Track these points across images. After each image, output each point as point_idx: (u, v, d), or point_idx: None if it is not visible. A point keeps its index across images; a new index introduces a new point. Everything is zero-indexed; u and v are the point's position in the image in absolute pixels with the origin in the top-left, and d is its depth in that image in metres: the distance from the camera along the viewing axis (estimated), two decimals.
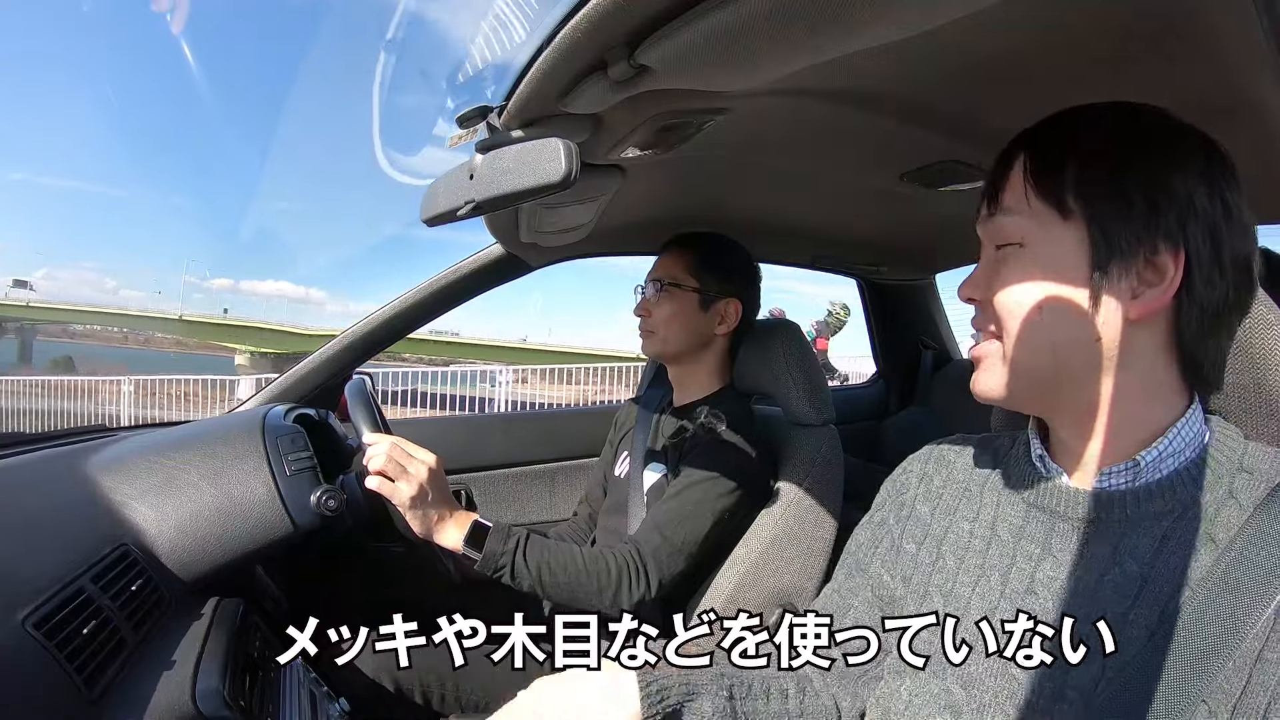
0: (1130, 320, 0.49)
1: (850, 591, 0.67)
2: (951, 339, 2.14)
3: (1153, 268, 0.48)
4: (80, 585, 0.62)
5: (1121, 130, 0.50)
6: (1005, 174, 0.53)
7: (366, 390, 1.00)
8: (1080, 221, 0.49)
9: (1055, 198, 0.49)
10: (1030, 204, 0.51)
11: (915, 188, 1.02)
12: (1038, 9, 0.54)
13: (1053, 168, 0.50)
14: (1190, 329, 0.49)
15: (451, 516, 0.91)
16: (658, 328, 1.16)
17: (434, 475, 0.90)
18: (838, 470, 1.14)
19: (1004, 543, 0.55)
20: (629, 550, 0.97)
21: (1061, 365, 0.50)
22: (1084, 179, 0.49)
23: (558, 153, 0.56)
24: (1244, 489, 0.48)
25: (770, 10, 0.43)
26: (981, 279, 0.55)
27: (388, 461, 0.87)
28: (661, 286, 1.15)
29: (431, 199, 0.72)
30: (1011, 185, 0.52)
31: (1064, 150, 0.50)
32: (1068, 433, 0.54)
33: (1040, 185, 0.50)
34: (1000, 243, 0.53)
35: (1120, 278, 0.48)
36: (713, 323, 1.16)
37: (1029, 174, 0.51)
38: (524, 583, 0.92)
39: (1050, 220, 0.50)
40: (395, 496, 0.87)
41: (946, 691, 0.55)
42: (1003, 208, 0.52)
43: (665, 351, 1.18)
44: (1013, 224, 0.51)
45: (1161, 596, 0.47)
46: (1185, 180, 0.47)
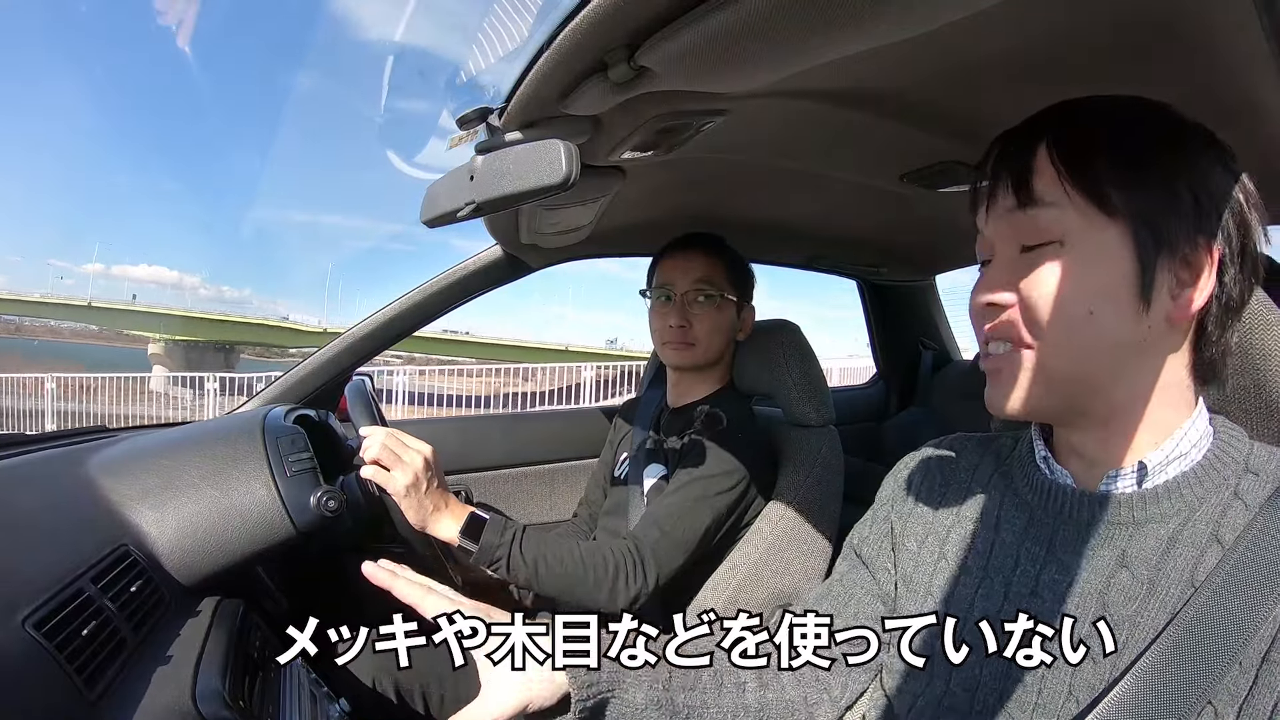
0: (1171, 321, 0.47)
1: (852, 584, 0.66)
2: (951, 339, 2.14)
3: (1189, 266, 0.47)
4: (80, 586, 0.62)
5: (1151, 124, 0.48)
6: (1028, 161, 0.48)
7: (367, 391, 1.01)
8: (1125, 216, 0.46)
9: (1095, 190, 0.46)
10: (1070, 196, 0.47)
11: (915, 188, 1.02)
12: (1038, 9, 0.54)
13: (1085, 156, 0.47)
14: (1213, 325, 0.48)
15: (448, 507, 0.90)
16: (700, 339, 1.12)
17: (429, 464, 0.89)
18: (838, 471, 1.14)
19: (1007, 545, 0.55)
20: (627, 545, 0.96)
21: (1101, 372, 0.48)
22: (1125, 172, 0.46)
23: (558, 154, 0.56)
24: (1250, 490, 0.48)
25: (770, 12, 0.43)
26: (1005, 280, 0.50)
27: (382, 450, 0.86)
28: (707, 296, 1.12)
29: (432, 200, 0.72)
30: (1042, 174, 0.48)
31: (1092, 139, 0.47)
32: (1079, 438, 0.52)
33: (1076, 175, 0.47)
34: (1034, 241, 0.48)
35: (1165, 276, 0.46)
36: (737, 331, 1.16)
37: (1059, 162, 0.47)
38: (520, 576, 0.90)
39: (1093, 215, 0.46)
40: (389, 485, 0.86)
41: (949, 694, 0.55)
42: (1038, 199, 0.48)
43: (703, 362, 1.15)
44: (1053, 218, 0.47)
45: (1169, 599, 0.47)
46: (1222, 175, 0.47)
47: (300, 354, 22.83)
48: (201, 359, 20.62)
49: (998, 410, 0.52)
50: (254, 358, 24.50)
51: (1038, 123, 0.50)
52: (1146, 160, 0.47)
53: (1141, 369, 0.48)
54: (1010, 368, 0.50)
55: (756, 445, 1.10)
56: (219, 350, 22.41)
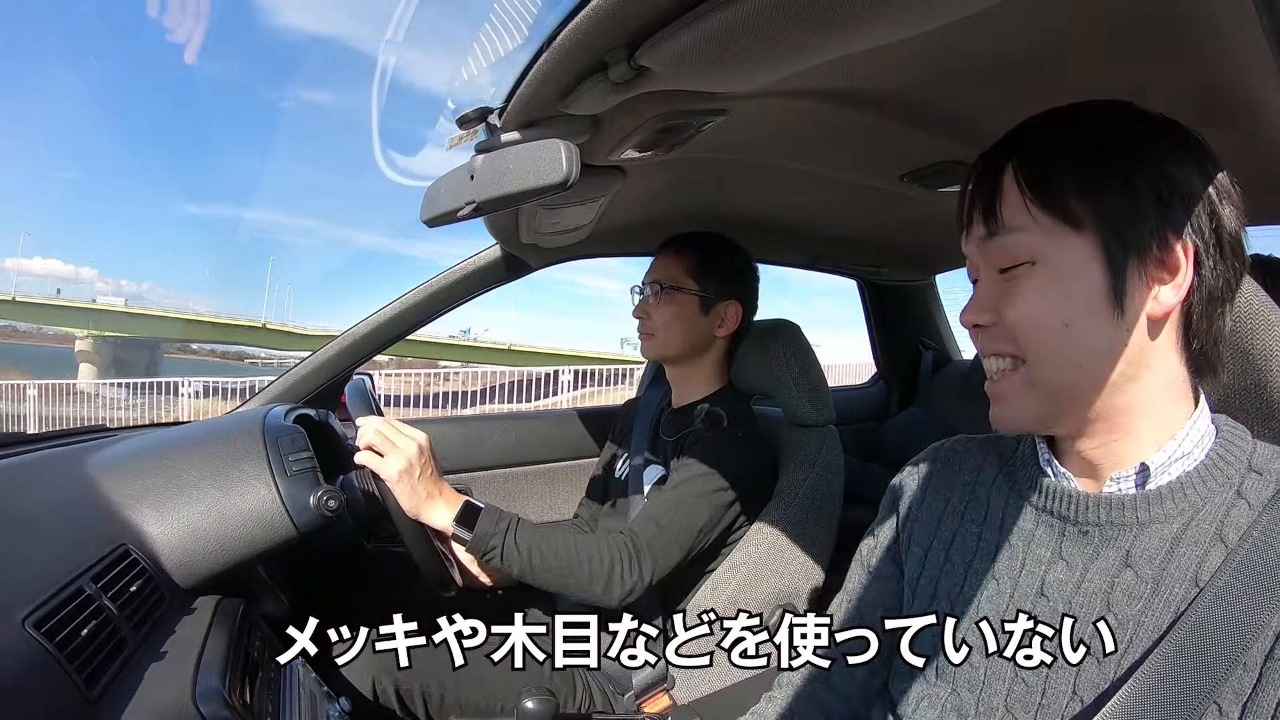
0: (1152, 319, 0.48)
1: (863, 600, 0.66)
2: (951, 339, 2.14)
3: (1164, 263, 0.47)
4: (80, 585, 0.62)
5: (1105, 127, 0.49)
6: (996, 188, 0.50)
7: (367, 390, 1.00)
8: (1091, 227, 0.47)
9: (1059, 207, 0.48)
10: (1035, 218, 0.49)
11: (915, 188, 1.02)
12: (1037, 9, 0.54)
13: (1047, 175, 0.48)
14: (1198, 316, 0.49)
15: (441, 495, 0.90)
16: (658, 331, 1.16)
17: (423, 451, 0.88)
18: (838, 471, 1.14)
19: (1013, 547, 0.55)
20: (623, 539, 0.96)
21: (1091, 379, 0.49)
22: (1085, 181, 0.47)
23: (558, 154, 0.56)
24: (1253, 490, 0.48)
25: (770, 11, 0.43)
26: (987, 301, 0.52)
27: (375, 435, 0.86)
28: (662, 289, 1.15)
29: (432, 200, 0.72)
30: (1008, 199, 0.50)
31: (1054, 155, 0.49)
32: (1085, 441, 0.52)
33: (1040, 196, 0.48)
34: (1007, 265, 0.50)
35: (1138, 278, 0.47)
36: (713, 325, 1.16)
37: (1024, 185, 0.49)
38: (514, 567, 0.90)
39: (1060, 232, 0.48)
40: (382, 470, 0.85)
41: (954, 695, 0.55)
42: (1005, 225, 0.50)
43: (665, 354, 1.18)
44: (1020, 243, 0.49)
45: (1173, 599, 0.47)
46: (1181, 167, 0.47)
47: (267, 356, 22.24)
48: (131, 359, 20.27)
49: (1002, 428, 0.53)
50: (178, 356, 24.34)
51: (1004, 145, 0.52)
52: (1106, 165, 0.48)
53: (1136, 371, 0.49)
54: (1007, 385, 0.52)
55: (756, 445, 1.10)
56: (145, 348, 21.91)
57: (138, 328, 22.41)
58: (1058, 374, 0.49)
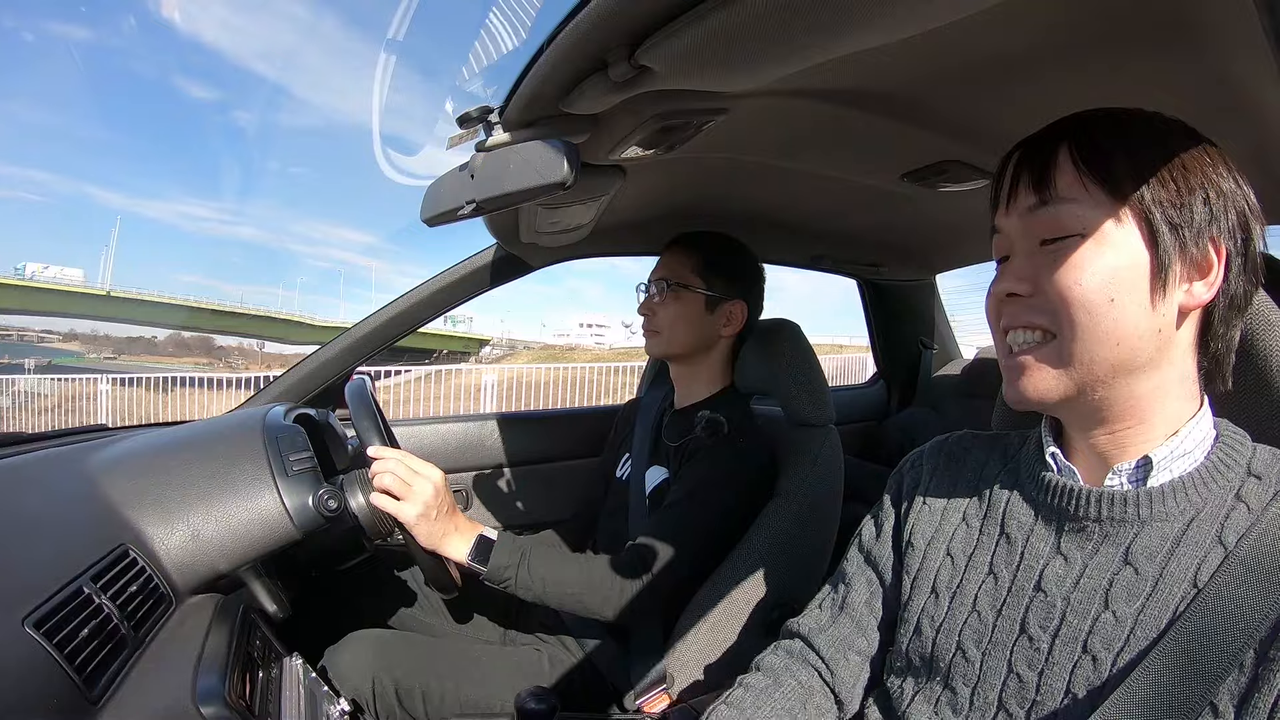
0: (1183, 311, 0.50)
1: (856, 586, 0.67)
2: (952, 339, 2.14)
3: (1201, 260, 0.49)
4: (80, 585, 0.62)
5: (1164, 129, 0.51)
6: (1050, 162, 0.51)
7: (367, 391, 1.00)
8: (1141, 214, 0.49)
9: (1115, 186, 0.49)
10: (1090, 191, 0.49)
11: (915, 188, 1.02)
12: (1037, 9, 0.54)
13: (1105, 155, 0.49)
14: (1219, 320, 0.51)
15: (457, 530, 0.94)
16: (663, 329, 1.16)
17: (439, 491, 0.92)
18: (838, 471, 1.14)
19: (1012, 541, 0.55)
20: (633, 559, 0.97)
21: (1125, 358, 0.49)
22: (1141, 168, 0.49)
23: (558, 153, 0.56)
24: (1252, 493, 0.48)
25: (770, 10, 0.43)
26: (1026, 272, 0.52)
27: (391, 479, 0.90)
28: (668, 287, 1.15)
29: (432, 199, 0.72)
30: (1063, 173, 0.50)
31: (1112, 139, 0.50)
32: (1094, 433, 0.53)
33: (1096, 172, 0.49)
34: (1053, 235, 0.50)
35: (1179, 267, 0.49)
36: (718, 324, 1.16)
37: (1080, 162, 0.50)
38: (528, 595, 0.94)
39: (1113, 208, 0.49)
40: (400, 514, 0.89)
41: (950, 690, 0.55)
42: (1059, 195, 0.50)
43: (669, 352, 1.18)
44: (1073, 214, 0.50)
45: (1172, 599, 0.47)
46: (1228, 176, 0.49)
47: None
48: None
49: (1021, 399, 0.53)
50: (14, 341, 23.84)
51: (1057, 128, 0.52)
52: (1163, 156, 0.49)
53: (1159, 359, 0.50)
54: (1033, 358, 0.51)
55: (758, 449, 1.10)
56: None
57: None
58: (1095, 348, 0.49)
